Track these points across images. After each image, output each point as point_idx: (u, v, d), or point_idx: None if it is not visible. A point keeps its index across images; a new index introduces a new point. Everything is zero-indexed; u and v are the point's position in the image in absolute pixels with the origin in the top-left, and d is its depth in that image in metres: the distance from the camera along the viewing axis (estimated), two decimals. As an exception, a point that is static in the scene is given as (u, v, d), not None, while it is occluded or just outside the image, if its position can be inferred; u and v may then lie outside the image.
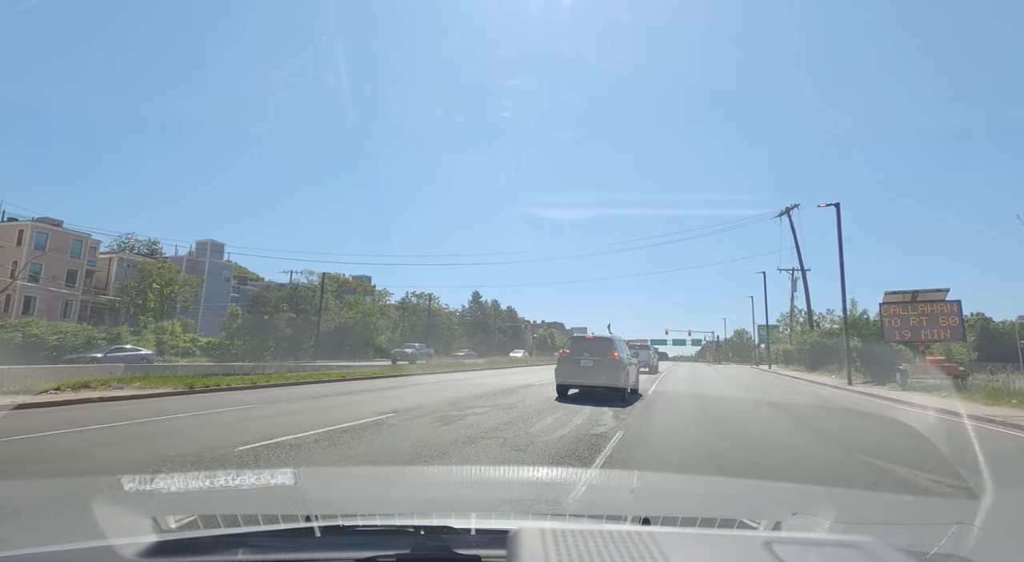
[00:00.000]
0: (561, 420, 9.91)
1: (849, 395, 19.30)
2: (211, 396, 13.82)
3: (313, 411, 11.04)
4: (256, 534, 1.63)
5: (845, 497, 4.33)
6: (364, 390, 16.29)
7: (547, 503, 2.41)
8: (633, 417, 10.74)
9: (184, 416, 10.02)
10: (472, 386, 18.47)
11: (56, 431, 8.07)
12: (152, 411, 10.50)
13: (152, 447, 6.98)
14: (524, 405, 12.41)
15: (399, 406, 11.81)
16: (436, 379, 23.33)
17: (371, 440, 7.54)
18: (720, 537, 1.24)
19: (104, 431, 8.19)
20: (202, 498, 2.65)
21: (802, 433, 9.85)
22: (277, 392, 15.41)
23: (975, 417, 11.42)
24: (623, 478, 4.14)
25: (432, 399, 13.59)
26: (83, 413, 10.18)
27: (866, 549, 0.95)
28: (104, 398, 12.31)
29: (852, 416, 12.95)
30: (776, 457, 7.33)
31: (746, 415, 12.47)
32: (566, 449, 7.11)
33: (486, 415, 10.52)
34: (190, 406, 11.46)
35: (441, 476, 4.50)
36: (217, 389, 15.29)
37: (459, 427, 8.81)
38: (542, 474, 4.58)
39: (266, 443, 7.11)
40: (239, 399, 13.13)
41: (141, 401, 12.41)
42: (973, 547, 1.76)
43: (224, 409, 11.07)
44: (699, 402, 14.82)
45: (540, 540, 0.94)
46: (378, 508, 2.24)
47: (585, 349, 14.21)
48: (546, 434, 8.30)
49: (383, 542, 1.51)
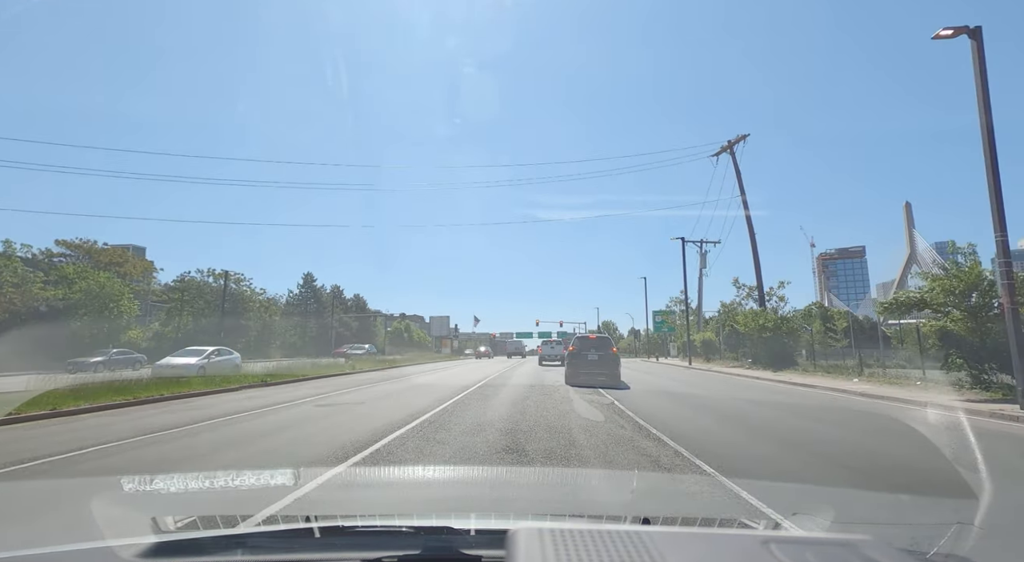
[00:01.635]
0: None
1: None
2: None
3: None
4: (256, 535, 1.64)
5: (845, 497, 4.38)
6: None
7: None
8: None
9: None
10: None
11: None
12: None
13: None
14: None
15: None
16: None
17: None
18: (719, 536, 1.25)
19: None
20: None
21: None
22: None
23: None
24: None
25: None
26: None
27: (864, 548, 0.95)
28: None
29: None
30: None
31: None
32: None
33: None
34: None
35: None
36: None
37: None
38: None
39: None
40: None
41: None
42: (972, 547, 1.78)
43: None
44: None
45: (539, 540, 0.95)
46: (377, 508, 2.23)
47: (592, 346, 18.45)
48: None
49: (383, 543, 1.52)
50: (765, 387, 18.37)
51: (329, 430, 8.44)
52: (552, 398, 13.07)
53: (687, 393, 15.73)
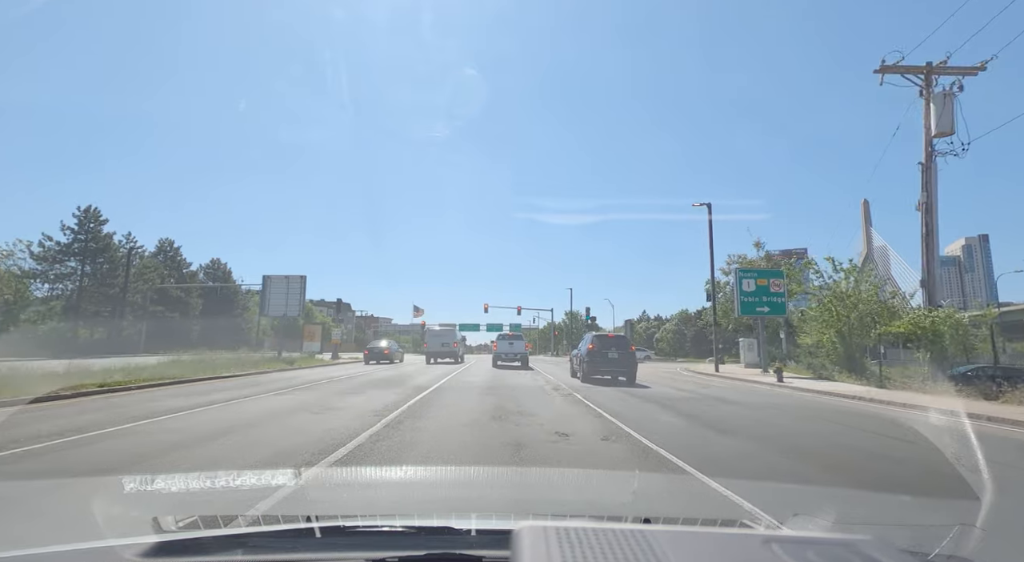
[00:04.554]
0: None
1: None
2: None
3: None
4: (257, 535, 1.64)
5: (846, 498, 4.36)
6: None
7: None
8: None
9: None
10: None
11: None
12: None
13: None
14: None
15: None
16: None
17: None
18: (720, 535, 1.25)
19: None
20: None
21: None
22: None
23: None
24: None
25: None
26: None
27: (865, 547, 0.95)
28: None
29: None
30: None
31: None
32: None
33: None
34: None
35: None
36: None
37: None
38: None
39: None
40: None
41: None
42: (974, 548, 1.75)
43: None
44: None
45: (543, 538, 0.95)
46: (378, 509, 2.23)
47: (612, 344, 19.02)
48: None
49: (384, 543, 1.53)
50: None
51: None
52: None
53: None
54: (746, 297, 26.60)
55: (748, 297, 26.63)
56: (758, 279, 27.08)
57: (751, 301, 26.66)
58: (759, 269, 31.17)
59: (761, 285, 26.82)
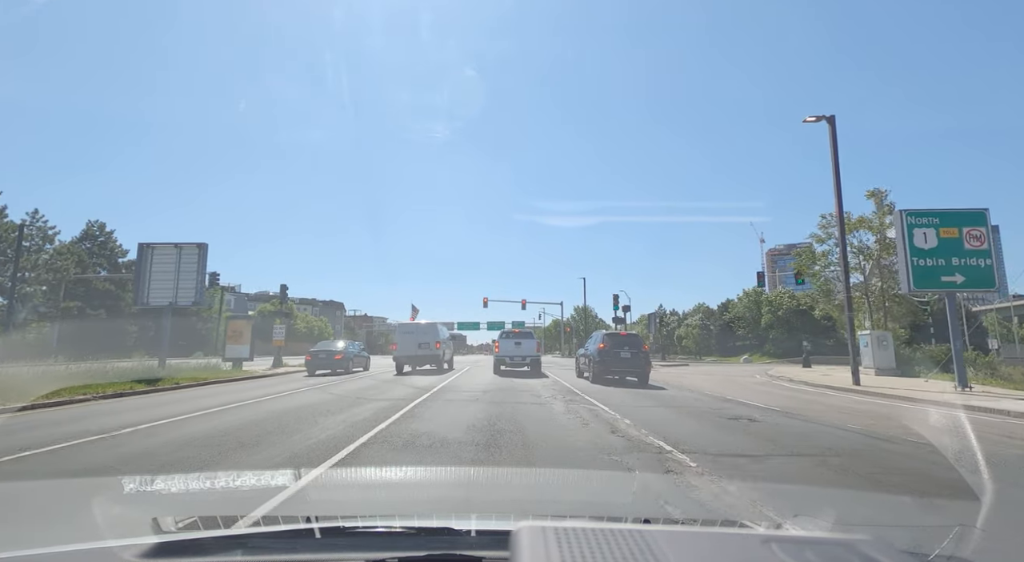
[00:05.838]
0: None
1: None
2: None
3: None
4: (256, 535, 1.64)
5: (846, 498, 4.34)
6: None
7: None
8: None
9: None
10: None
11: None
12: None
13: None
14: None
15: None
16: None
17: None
18: (720, 535, 1.25)
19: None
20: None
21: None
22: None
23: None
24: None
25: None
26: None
27: (865, 548, 0.95)
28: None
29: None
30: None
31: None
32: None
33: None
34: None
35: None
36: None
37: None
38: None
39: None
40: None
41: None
42: (975, 549, 1.73)
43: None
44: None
45: (543, 539, 0.95)
46: (378, 509, 2.22)
47: (624, 343, 18.41)
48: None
49: (384, 544, 1.52)
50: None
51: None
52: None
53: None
54: (922, 259, 16.00)
55: (925, 258, 15.99)
56: (942, 228, 16.18)
57: (931, 266, 15.95)
58: (942, 211, 16.67)
59: (948, 238, 16.09)
